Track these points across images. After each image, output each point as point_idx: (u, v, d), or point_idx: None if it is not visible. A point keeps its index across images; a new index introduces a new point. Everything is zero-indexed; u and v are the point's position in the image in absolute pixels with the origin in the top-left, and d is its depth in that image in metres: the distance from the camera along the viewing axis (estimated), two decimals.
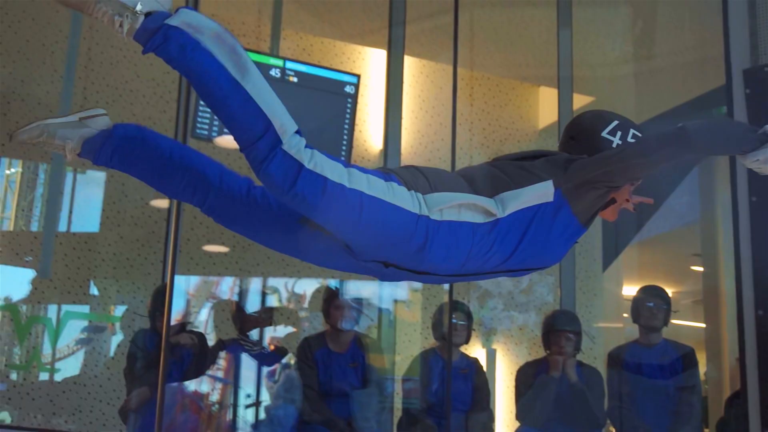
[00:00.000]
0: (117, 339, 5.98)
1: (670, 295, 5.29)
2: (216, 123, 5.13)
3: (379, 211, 2.11)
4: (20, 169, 6.23)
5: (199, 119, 5.09)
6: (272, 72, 5.17)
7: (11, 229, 6.17)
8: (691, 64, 6.22)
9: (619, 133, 2.38)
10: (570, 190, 2.26)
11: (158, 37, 1.96)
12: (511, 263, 2.28)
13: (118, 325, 5.99)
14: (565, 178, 2.27)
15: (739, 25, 4.71)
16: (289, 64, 5.27)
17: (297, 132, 2.06)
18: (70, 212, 6.06)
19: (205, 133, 5.12)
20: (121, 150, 2.23)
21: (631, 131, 2.39)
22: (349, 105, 5.39)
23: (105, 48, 6.13)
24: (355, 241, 2.19)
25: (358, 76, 5.50)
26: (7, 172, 6.14)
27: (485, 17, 6.85)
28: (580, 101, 6.30)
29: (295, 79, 5.24)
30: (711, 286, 6.22)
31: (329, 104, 5.35)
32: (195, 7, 5.02)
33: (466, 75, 6.87)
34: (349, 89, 5.39)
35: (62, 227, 6.01)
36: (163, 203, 5.94)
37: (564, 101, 6.04)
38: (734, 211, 4.61)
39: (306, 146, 2.07)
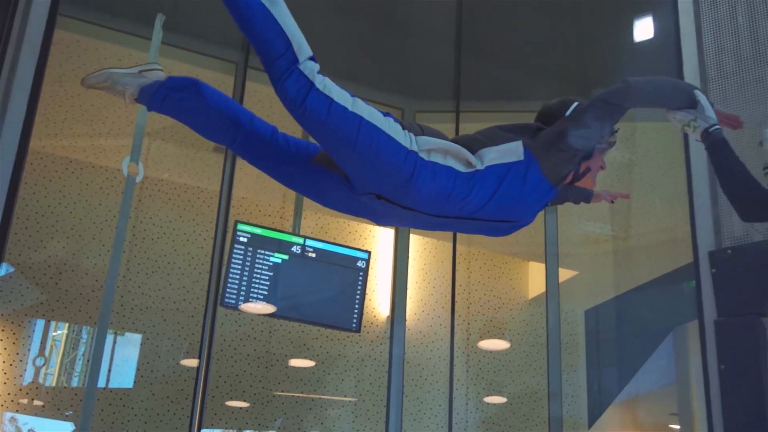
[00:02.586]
0: None
1: None
2: (242, 293, 5.46)
3: (373, 137, 2.33)
4: (65, 331, 6.55)
5: (228, 290, 5.44)
6: (293, 249, 5.52)
7: (54, 384, 6.41)
8: (663, 243, 6.47)
9: None
10: (537, 151, 2.51)
11: None
12: (487, 211, 2.50)
13: None
14: (534, 140, 2.54)
15: (703, 212, 4.81)
16: (309, 242, 5.61)
17: (311, 58, 2.32)
18: (109, 370, 6.31)
19: (233, 302, 5.46)
20: (171, 97, 2.52)
21: None
22: (360, 277, 5.74)
23: (148, 226, 6.56)
24: (351, 169, 2.41)
25: (369, 253, 5.86)
26: (54, 333, 6.44)
27: None
28: (565, 274, 6.57)
29: (313, 255, 5.58)
30: None
31: (343, 276, 5.67)
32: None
33: (464, 251, 7.24)
34: (360, 264, 5.76)
35: (100, 383, 6.17)
36: (192, 363, 6.19)
37: (551, 274, 6.29)
38: (705, 377, 4.62)
39: (318, 72, 2.33)
